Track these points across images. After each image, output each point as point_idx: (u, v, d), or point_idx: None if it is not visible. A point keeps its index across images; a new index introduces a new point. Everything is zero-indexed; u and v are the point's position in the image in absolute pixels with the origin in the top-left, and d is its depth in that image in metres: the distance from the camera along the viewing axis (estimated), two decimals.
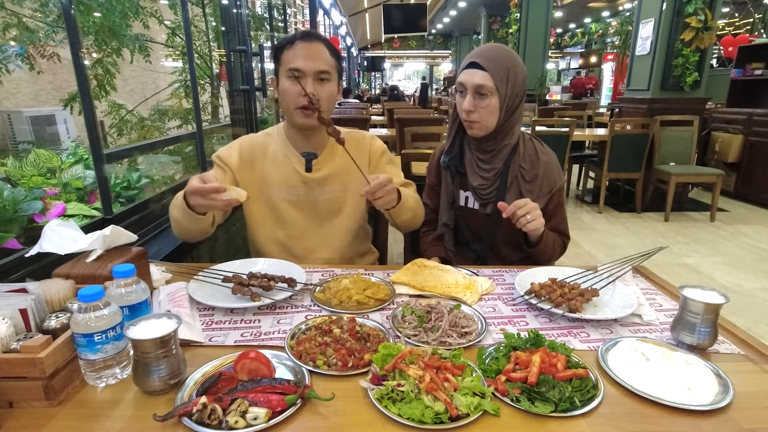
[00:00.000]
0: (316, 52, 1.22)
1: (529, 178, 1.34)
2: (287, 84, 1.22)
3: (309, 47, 1.22)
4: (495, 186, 1.35)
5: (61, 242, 0.95)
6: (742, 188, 5.07)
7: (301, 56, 1.21)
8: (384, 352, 0.75)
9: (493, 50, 1.26)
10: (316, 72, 1.22)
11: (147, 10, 2.88)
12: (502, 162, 1.34)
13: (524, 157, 1.35)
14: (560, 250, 1.40)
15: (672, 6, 4.31)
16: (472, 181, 1.36)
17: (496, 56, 1.24)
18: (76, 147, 1.78)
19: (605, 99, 13.81)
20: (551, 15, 8.12)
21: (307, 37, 1.24)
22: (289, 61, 1.21)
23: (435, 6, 14.47)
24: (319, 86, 1.23)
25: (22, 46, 2.30)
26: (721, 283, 3.06)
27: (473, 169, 1.37)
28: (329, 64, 1.24)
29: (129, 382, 0.72)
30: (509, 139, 1.32)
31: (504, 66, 1.23)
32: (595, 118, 6.54)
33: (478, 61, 1.23)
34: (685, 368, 0.77)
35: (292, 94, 1.22)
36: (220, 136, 3.13)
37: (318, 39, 1.25)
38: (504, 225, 1.36)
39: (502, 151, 1.33)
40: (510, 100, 1.26)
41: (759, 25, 9.38)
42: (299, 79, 1.20)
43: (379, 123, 6.82)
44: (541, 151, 1.37)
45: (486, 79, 1.22)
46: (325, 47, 1.25)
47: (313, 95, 1.20)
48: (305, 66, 1.20)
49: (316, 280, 1.15)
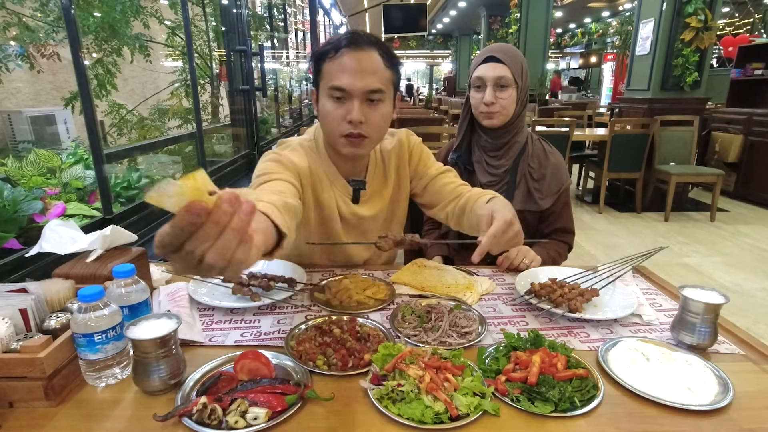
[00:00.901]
0: (366, 65, 0.97)
1: (537, 177, 1.37)
2: (329, 106, 1.00)
3: (358, 58, 0.97)
4: (504, 182, 1.38)
5: (61, 242, 0.95)
6: (742, 188, 5.07)
7: (347, 72, 0.97)
8: (384, 352, 0.75)
9: (506, 46, 1.34)
10: (366, 92, 0.98)
11: (147, 10, 2.88)
12: (512, 160, 1.37)
13: (533, 156, 1.38)
14: (565, 254, 1.44)
15: (672, 6, 4.31)
16: (481, 178, 1.39)
17: (511, 51, 1.32)
18: (76, 147, 1.78)
19: (605, 99, 13.81)
20: (551, 15, 8.14)
21: (356, 44, 0.98)
22: (332, 76, 0.98)
23: (435, 6, 14.45)
24: (370, 109, 1.00)
25: (23, 46, 2.30)
26: (721, 283, 3.06)
27: (482, 167, 1.40)
28: (383, 80, 1.00)
29: (129, 382, 0.72)
30: (519, 137, 1.37)
31: (518, 60, 1.32)
32: (595, 118, 6.55)
33: (496, 55, 1.29)
34: (685, 368, 0.77)
35: (336, 120, 1.00)
36: (220, 136, 3.13)
37: (370, 44, 0.99)
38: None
39: (512, 149, 1.37)
40: (523, 92, 1.34)
41: (759, 25, 9.39)
42: (344, 101, 0.99)
43: None
44: (550, 152, 1.40)
45: (505, 71, 1.29)
46: (378, 55, 0.99)
47: (362, 122, 0.99)
48: (352, 85, 0.97)
49: (316, 280, 1.15)
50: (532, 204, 1.37)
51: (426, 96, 13.09)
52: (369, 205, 1.20)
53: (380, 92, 1.00)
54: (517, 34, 8.08)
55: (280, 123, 4.96)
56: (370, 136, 1.03)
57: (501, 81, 1.29)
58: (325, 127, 1.07)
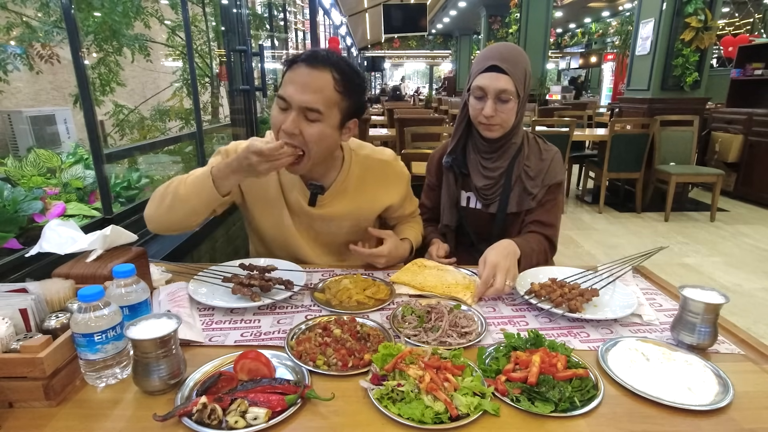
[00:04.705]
0: (312, 83, 1.01)
1: (533, 175, 1.34)
2: (274, 111, 1.05)
3: (307, 74, 1.01)
4: (500, 185, 1.35)
5: (61, 242, 0.95)
6: (742, 188, 5.07)
7: (293, 84, 1.01)
8: (384, 352, 0.75)
9: (510, 51, 1.22)
10: (303, 108, 1.01)
11: (147, 10, 2.88)
12: (508, 162, 1.34)
13: (528, 156, 1.35)
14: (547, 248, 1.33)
15: (672, 6, 4.32)
16: (476, 182, 1.36)
17: (514, 58, 1.20)
18: (75, 147, 1.78)
19: (605, 99, 13.81)
20: (551, 15, 8.13)
21: (311, 61, 1.02)
22: (283, 86, 1.03)
23: (435, 6, 14.46)
24: (305, 124, 1.03)
25: (23, 47, 2.31)
26: (721, 283, 3.06)
27: (477, 170, 1.36)
28: (326, 101, 1.02)
29: (129, 382, 0.72)
30: (516, 138, 1.33)
31: (522, 67, 1.22)
32: (595, 118, 6.55)
33: (501, 65, 1.19)
34: (685, 368, 0.77)
35: (275, 126, 1.05)
36: (220, 136, 3.13)
37: (326, 65, 1.02)
38: (510, 224, 1.37)
39: (508, 151, 1.34)
40: (524, 100, 1.26)
41: (759, 25, 9.39)
42: (287, 111, 1.03)
43: (379, 123, 6.82)
44: (545, 149, 1.37)
45: (509, 83, 1.19)
46: (331, 77, 1.02)
47: (294, 134, 1.02)
48: (291, 97, 1.01)
49: (316, 280, 1.15)
50: (527, 203, 1.34)
51: (426, 96, 13.12)
52: (324, 208, 1.22)
53: (317, 112, 1.02)
54: (517, 34, 8.08)
55: None
56: (307, 150, 1.05)
57: (503, 95, 1.20)
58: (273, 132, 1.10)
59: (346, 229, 1.28)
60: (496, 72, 1.20)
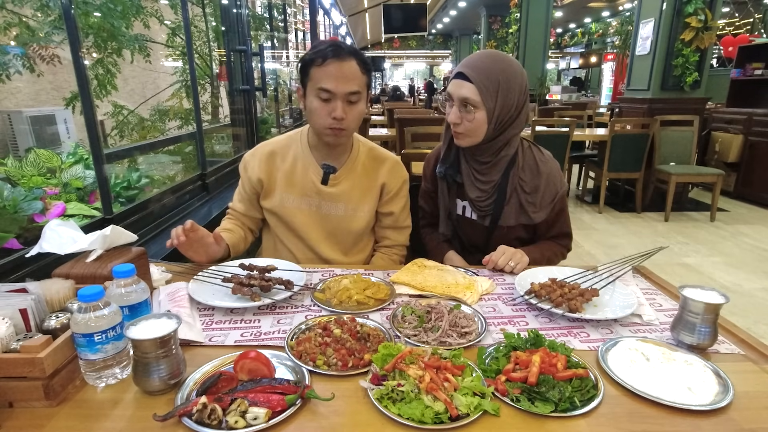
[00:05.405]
0: (348, 72, 1.18)
1: (530, 190, 1.30)
2: (316, 103, 1.20)
3: (341, 67, 1.17)
4: (493, 198, 1.31)
5: (61, 242, 0.95)
6: (742, 188, 5.07)
7: (332, 77, 1.16)
8: (384, 352, 0.75)
9: (484, 61, 1.19)
10: (347, 94, 1.18)
11: (147, 10, 2.88)
12: (500, 174, 1.29)
13: (523, 168, 1.30)
14: (561, 256, 1.41)
15: (672, 6, 4.32)
16: (469, 193, 1.32)
17: (485, 68, 1.16)
18: (75, 147, 1.78)
19: (605, 99, 13.80)
20: (551, 15, 8.14)
21: (339, 55, 1.17)
22: (319, 80, 1.17)
23: (435, 6, 14.46)
24: (349, 107, 1.21)
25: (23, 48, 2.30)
26: (721, 283, 3.06)
27: (470, 180, 1.32)
28: (360, 83, 1.21)
29: (129, 382, 0.72)
30: (506, 151, 1.28)
31: (494, 78, 1.16)
32: (595, 118, 6.55)
33: (465, 72, 1.17)
34: (685, 368, 0.77)
35: (322, 116, 1.20)
36: (220, 136, 3.13)
37: (350, 55, 1.19)
38: (503, 236, 1.35)
39: (498, 164, 1.29)
40: (502, 114, 1.19)
41: (759, 25, 9.39)
42: (329, 101, 1.19)
43: (379, 123, 6.82)
44: (541, 161, 1.31)
45: (472, 92, 1.16)
46: (356, 63, 1.20)
47: (343, 119, 1.19)
48: (336, 88, 1.17)
49: (316, 280, 1.15)
50: (525, 218, 1.31)
51: (426, 96, 13.11)
52: (336, 187, 1.35)
53: (358, 93, 1.21)
54: (517, 34, 8.08)
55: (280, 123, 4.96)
56: (348, 128, 1.24)
57: (466, 102, 1.18)
58: (312, 121, 1.25)
59: (349, 213, 1.36)
60: (461, 79, 1.19)
